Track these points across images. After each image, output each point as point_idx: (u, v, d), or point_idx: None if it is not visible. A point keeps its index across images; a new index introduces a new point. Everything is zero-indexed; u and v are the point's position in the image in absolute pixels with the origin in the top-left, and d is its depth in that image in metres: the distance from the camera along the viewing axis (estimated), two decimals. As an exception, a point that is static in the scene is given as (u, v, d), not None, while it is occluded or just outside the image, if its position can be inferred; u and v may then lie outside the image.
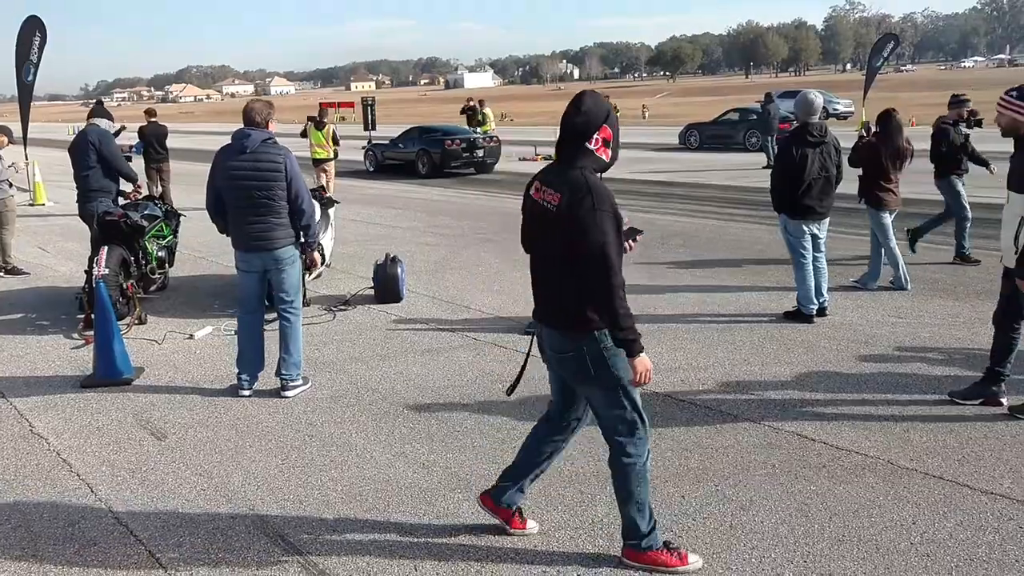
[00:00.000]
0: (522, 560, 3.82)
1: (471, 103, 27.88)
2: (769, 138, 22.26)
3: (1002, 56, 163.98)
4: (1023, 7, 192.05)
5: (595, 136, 3.45)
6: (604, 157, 3.50)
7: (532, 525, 4.06)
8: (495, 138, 23.63)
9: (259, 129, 5.90)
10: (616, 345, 3.42)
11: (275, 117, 6.13)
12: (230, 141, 5.95)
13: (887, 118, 8.23)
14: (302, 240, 6.14)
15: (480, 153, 22.48)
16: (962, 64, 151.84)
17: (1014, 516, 4.03)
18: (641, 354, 3.39)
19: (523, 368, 4.00)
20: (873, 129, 8.44)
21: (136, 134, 16.42)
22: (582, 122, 3.44)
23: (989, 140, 8.26)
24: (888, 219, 8.25)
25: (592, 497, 4.38)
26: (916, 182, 11.21)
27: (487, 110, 27.38)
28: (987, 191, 9.93)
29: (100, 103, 10.55)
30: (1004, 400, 5.38)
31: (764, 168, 21.02)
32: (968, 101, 9.63)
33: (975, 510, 4.11)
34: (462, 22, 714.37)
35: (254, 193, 5.80)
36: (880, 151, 8.07)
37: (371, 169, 24.28)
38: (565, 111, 3.51)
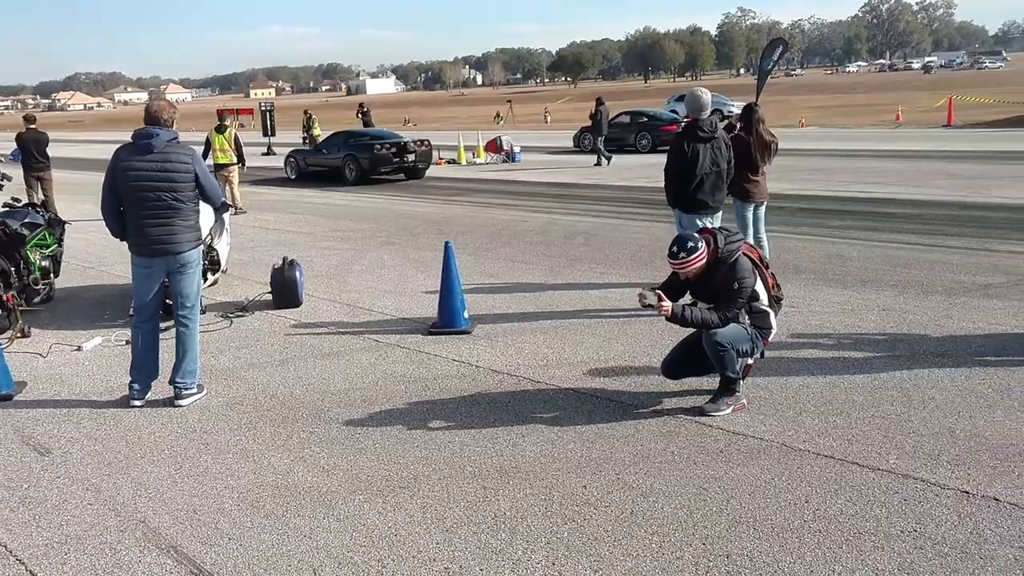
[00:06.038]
0: (424, 559, 3.77)
1: (308, 112, 33.20)
2: (600, 139, 23.79)
3: (882, 61, 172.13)
4: (900, 15, 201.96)
5: None
6: None
7: None
8: (427, 142, 22.33)
9: (164, 128, 5.70)
10: None
11: (177, 118, 5.95)
12: (130, 140, 5.71)
13: (750, 112, 8.41)
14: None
15: (411, 158, 21.26)
16: (847, 69, 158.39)
17: (899, 490, 4.19)
18: None
19: None
20: (738, 125, 8.63)
21: (14, 141, 15.65)
22: None
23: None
24: (749, 211, 8.41)
25: (495, 492, 4.37)
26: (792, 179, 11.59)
27: (313, 115, 32.72)
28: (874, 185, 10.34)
29: None
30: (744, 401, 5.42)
31: (595, 166, 22.18)
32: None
33: (863, 486, 4.26)
34: (366, 28, 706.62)
35: (161, 195, 5.59)
36: (749, 143, 8.24)
37: (292, 176, 22.96)
38: None
